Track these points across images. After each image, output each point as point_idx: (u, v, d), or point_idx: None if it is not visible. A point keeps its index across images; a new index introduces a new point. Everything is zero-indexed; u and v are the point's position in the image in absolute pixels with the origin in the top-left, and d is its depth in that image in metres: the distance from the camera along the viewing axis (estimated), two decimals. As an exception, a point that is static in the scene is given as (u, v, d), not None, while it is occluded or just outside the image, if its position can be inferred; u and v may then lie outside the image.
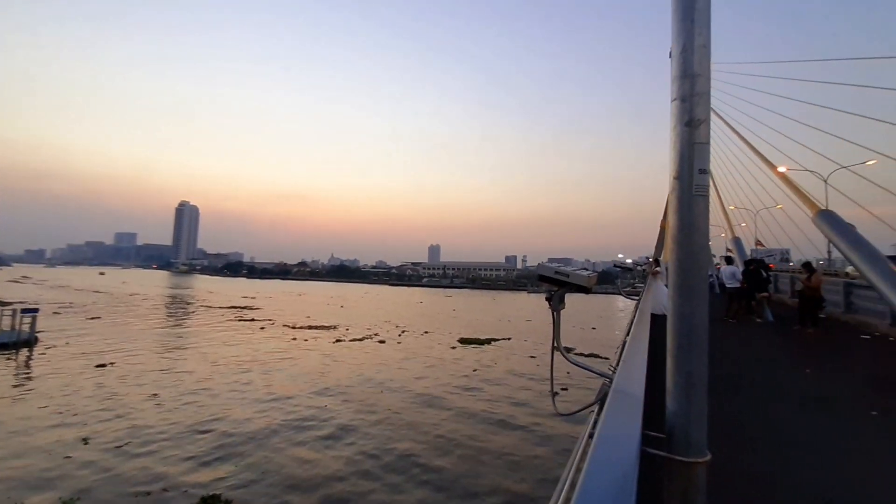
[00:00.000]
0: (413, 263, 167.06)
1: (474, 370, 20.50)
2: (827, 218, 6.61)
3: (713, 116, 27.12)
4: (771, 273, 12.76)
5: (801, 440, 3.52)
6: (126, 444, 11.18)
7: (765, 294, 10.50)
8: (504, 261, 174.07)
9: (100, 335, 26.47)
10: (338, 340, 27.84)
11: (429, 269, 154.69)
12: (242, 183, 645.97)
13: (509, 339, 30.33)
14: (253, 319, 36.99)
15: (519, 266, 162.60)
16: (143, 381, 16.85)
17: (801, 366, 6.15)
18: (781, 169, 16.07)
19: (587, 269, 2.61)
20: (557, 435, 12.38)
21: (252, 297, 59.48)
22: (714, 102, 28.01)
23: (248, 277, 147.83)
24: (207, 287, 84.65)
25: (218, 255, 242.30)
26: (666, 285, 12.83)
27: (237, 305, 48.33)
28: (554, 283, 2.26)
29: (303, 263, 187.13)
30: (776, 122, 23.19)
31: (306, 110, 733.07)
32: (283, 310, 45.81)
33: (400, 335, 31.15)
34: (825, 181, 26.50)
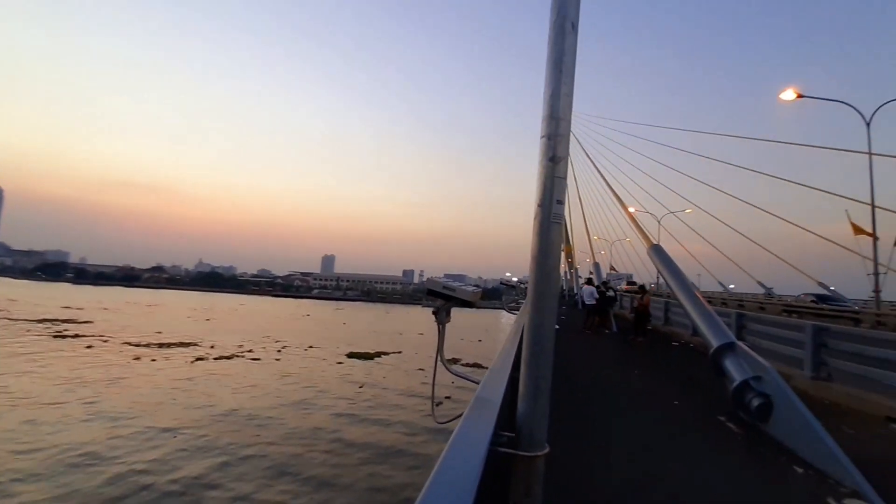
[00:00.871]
0: (302, 273, 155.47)
1: (361, 386, 19.82)
2: (657, 250, 8.35)
3: (588, 161, 32.38)
4: (617, 293, 15.42)
5: (623, 426, 4.41)
6: None
7: (595, 316, 12.64)
8: (402, 275, 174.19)
9: None
10: (199, 359, 23.95)
11: (320, 279, 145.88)
12: (75, 163, 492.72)
13: (400, 352, 30.27)
14: (77, 336, 29.51)
15: (416, 280, 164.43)
16: None
17: (632, 367, 7.67)
18: (631, 209, 20.00)
19: (479, 286, 2.83)
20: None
21: (79, 308, 47.53)
22: (591, 150, 33.53)
23: (76, 283, 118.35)
24: (8, 293, 64.81)
25: (29, 253, 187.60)
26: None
27: (55, 318, 38.03)
28: (441, 297, 2.41)
29: (158, 268, 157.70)
30: (631, 172, 28.92)
31: (177, 84, 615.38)
32: (126, 324, 37.72)
33: (280, 351, 28.42)
34: (658, 221, 33.54)
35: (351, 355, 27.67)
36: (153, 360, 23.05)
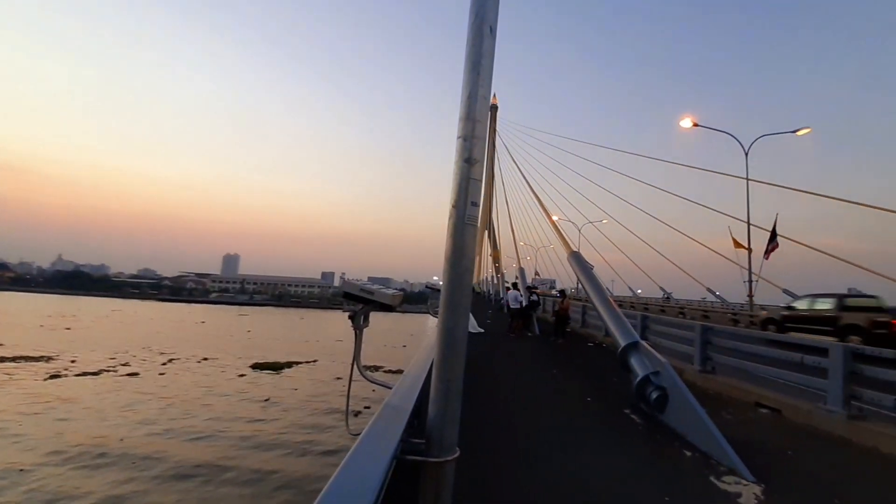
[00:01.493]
0: (198, 274, 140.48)
1: (266, 399, 18.50)
2: (576, 257, 9.13)
3: (516, 169, 34.30)
4: (538, 297, 16.47)
5: (541, 423, 4.76)
6: None
7: (519, 319, 13.39)
8: (320, 277, 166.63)
9: None
10: (53, 377, 20.27)
11: (221, 281, 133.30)
12: None
13: (315, 361, 28.90)
14: None
15: (336, 283, 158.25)
16: None
17: (551, 367, 8.32)
18: (555, 217, 21.57)
19: (404, 289, 2.80)
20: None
21: None
22: (519, 158, 35.53)
23: None
24: None
25: None
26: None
27: None
28: (359, 300, 2.35)
29: (0, 265, 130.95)
30: (557, 183, 31.35)
31: (36, 40, 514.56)
32: (-52, 336, 30.62)
33: (165, 364, 25.33)
34: (579, 230, 36.64)
35: (256, 366, 25.69)
36: (-13, 381, 18.97)
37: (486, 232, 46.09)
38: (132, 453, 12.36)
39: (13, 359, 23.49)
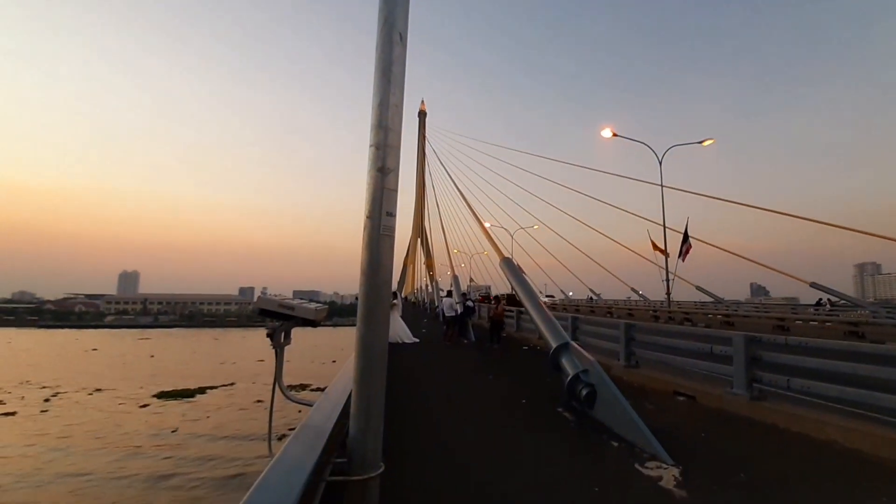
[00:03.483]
0: (89, 296, 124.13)
1: (174, 430, 16.91)
2: (507, 263, 9.50)
3: (446, 176, 34.83)
4: (473, 303, 16.86)
5: (477, 429, 4.93)
6: None
7: (455, 327, 13.65)
8: (238, 293, 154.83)
9: None
10: None
11: (118, 303, 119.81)
12: None
13: (233, 384, 27.07)
14: None
15: (256, 300, 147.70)
16: None
17: (487, 373, 8.62)
18: (487, 224, 22.25)
19: (335, 302, 2.68)
20: None
21: None
22: (451, 167, 36.11)
23: None
24: None
25: None
26: (402, 316, 14.63)
27: None
28: (278, 316, 2.27)
29: None
30: (490, 191, 32.39)
31: None
32: None
33: (48, 399, 22.47)
34: (512, 236, 38.23)
35: (162, 395, 23.47)
36: None
37: (420, 240, 46.13)
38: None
39: None
